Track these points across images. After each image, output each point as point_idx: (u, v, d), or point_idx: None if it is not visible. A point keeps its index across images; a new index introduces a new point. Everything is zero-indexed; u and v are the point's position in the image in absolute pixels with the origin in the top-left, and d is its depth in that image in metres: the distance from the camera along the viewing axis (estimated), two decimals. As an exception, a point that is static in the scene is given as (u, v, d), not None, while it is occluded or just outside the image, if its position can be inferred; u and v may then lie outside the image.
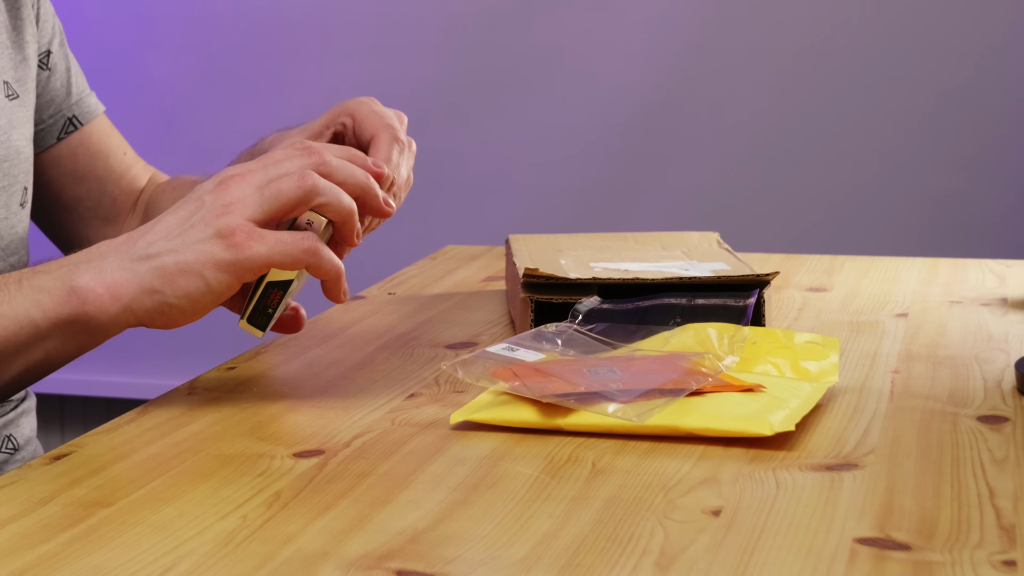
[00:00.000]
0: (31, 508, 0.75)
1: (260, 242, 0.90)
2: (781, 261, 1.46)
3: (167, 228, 0.91)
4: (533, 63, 2.62)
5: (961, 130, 2.47)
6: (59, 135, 1.23)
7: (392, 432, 0.88)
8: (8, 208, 1.12)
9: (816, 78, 2.51)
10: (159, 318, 0.91)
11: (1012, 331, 1.14)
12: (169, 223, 0.92)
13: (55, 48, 1.23)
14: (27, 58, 1.18)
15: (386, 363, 1.05)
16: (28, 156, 1.16)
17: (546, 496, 0.76)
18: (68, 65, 1.24)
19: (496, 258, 1.49)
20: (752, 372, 0.95)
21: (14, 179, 1.13)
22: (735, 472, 0.79)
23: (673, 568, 0.66)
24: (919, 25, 2.46)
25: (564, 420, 0.87)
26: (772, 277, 1.07)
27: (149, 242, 0.91)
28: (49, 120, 1.23)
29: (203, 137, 2.76)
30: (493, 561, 0.67)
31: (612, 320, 1.04)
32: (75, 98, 1.24)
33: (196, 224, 0.91)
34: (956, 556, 0.67)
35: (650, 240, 1.28)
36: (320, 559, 0.68)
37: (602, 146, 2.60)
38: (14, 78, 1.16)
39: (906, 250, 2.16)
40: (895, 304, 1.25)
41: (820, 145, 2.53)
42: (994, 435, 0.86)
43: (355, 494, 0.77)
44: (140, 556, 0.68)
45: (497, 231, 2.26)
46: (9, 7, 1.18)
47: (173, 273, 0.90)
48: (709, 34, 2.54)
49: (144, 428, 0.90)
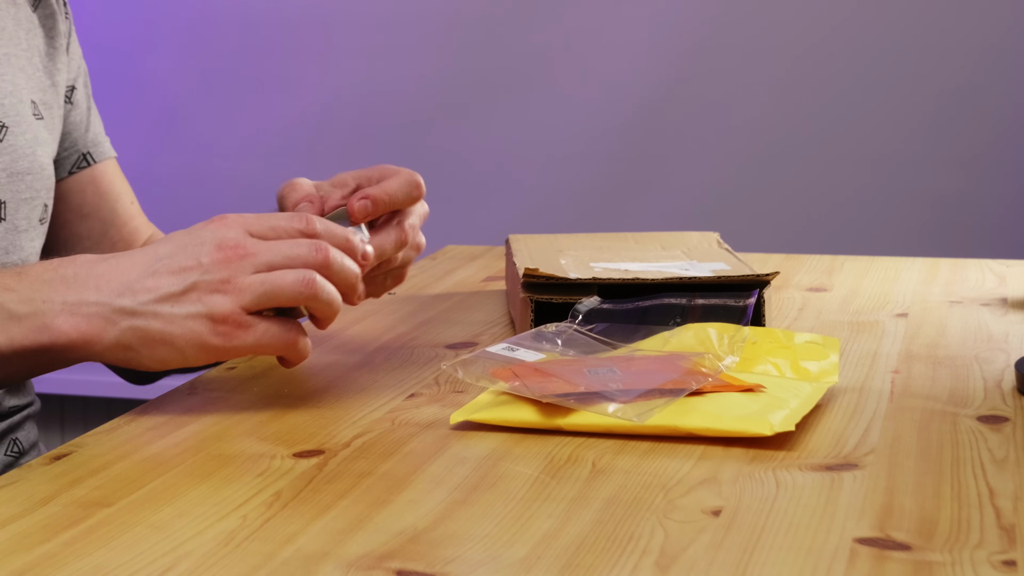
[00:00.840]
0: (31, 508, 0.75)
1: (248, 333, 0.91)
2: (781, 261, 1.46)
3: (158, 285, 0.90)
4: (533, 63, 2.62)
5: (961, 130, 2.47)
6: (71, 169, 1.24)
7: (392, 432, 0.88)
8: (29, 220, 1.13)
9: (816, 78, 2.51)
10: (123, 363, 0.92)
11: (1012, 331, 1.14)
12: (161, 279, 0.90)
13: (79, 86, 1.25)
14: (56, 84, 1.21)
15: (386, 363, 1.05)
16: (50, 175, 1.17)
17: (546, 496, 0.76)
18: (89, 105, 1.26)
19: (496, 258, 1.49)
20: (752, 372, 0.95)
21: (36, 193, 1.14)
22: (735, 472, 0.79)
23: (673, 568, 0.66)
24: (919, 25, 2.46)
25: (564, 420, 0.87)
26: (772, 277, 1.07)
27: (137, 295, 0.90)
28: (64, 153, 1.24)
29: (203, 137, 2.77)
30: (493, 561, 0.67)
31: (612, 320, 1.04)
32: (91, 137, 1.25)
33: (189, 294, 0.90)
34: (956, 556, 0.67)
35: (650, 240, 1.28)
36: (320, 559, 0.68)
37: (602, 146, 2.60)
38: (42, 100, 1.18)
39: (906, 250, 2.16)
40: (895, 304, 1.25)
41: (820, 145, 2.53)
42: (994, 435, 0.86)
43: (355, 494, 0.77)
44: (140, 556, 0.68)
45: (497, 231, 2.26)
46: (47, 33, 1.21)
47: (154, 340, 0.90)
48: (709, 35, 2.54)
49: (144, 428, 0.90)
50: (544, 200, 2.63)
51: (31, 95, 1.16)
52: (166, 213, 2.85)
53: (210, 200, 2.73)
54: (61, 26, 1.22)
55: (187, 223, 0.97)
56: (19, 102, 1.14)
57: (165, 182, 2.76)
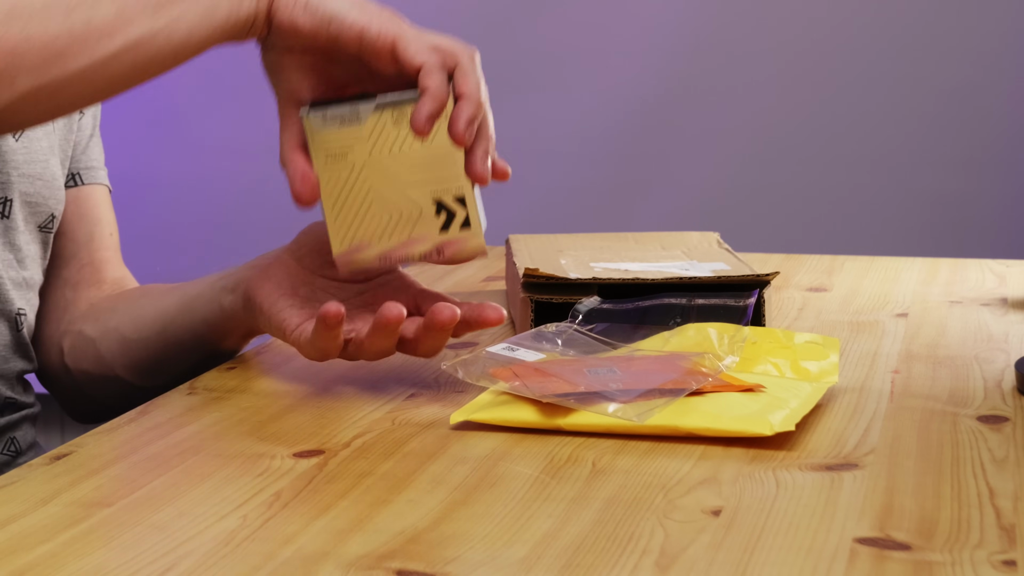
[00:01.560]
0: (31, 508, 0.75)
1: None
2: (781, 261, 1.46)
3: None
4: (532, 63, 2.62)
5: (961, 130, 2.47)
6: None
7: (392, 432, 0.88)
8: (27, 223, 1.14)
9: (816, 78, 2.51)
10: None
11: (1012, 331, 1.14)
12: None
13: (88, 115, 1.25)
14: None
15: (386, 363, 1.05)
16: (60, 187, 1.18)
17: (546, 496, 0.76)
18: (93, 134, 1.26)
19: (496, 258, 1.49)
20: (752, 372, 0.95)
21: (43, 199, 1.15)
22: (735, 472, 0.79)
23: (673, 568, 0.66)
24: (919, 25, 2.46)
25: (564, 420, 0.87)
26: (772, 277, 1.07)
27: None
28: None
29: (203, 137, 2.76)
30: (493, 561, 0.67)
31: (612, 320, 1.04)
32: (86, 162, 1.25)
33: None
34: (956, 556, 0.67)
35: (650, 240, 1.28)
36: (320, 559, 0.68)
37: (602, 146, 2.60)
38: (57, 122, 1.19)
39: (906, 250, 2.16)
40: (895, 304, 1.25)
41: (820, 145, 2.53)
42: (994, 435, 0.86)
43: (355, 494, 0.77)
44: (140, 556, 0.68)
45: (497, 231, 2.25)
46: None
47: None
48: (708, 34, 2.54)
49: (144, 428, 0.90)
50: (544, 200, 2.62)
51: None
52: (166, 213, 2.85)
53: (210, 200, 2.73)
54: None
55: (187, 223, 0.97)
56: None
57: (165, 182, 2.75)
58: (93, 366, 1.17)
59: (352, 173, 0.96)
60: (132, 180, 1.31)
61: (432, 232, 0.96)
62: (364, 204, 0.96)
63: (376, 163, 0.96)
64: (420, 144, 0.95)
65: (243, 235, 2.59)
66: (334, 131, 0.96)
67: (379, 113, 0.95)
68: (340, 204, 0.96)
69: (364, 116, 0.96)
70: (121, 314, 1.17)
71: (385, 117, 0.95)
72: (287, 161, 0.97)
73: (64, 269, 1.22)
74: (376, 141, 0.96)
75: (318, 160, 0.96)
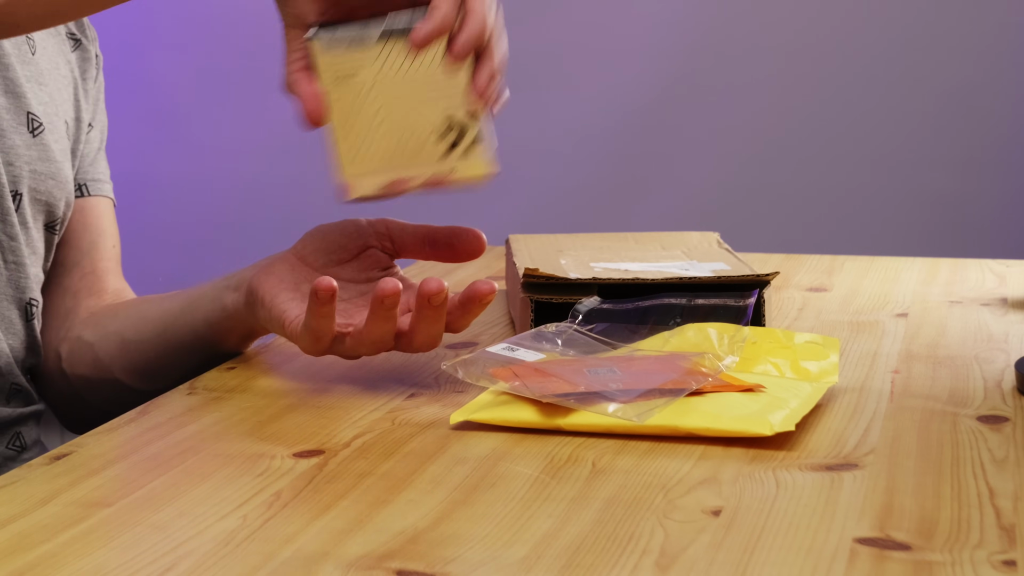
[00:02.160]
0: (31, 508, 0.75)
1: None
2: (781, 261, 1.46)
3: None
4: (532, 63, 2.62)
5: (961, 130, 2.47)
6: None
7: (392, 432, 0.88)
8: (35, 220, 1.14)
9: (816, 78, 2.51)
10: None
11: (1012, 331, 1.14)
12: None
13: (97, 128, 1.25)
14: (80, 120, 1.23)
15: (386, 363, 1.05)
16: (71, 191, 1.18)
17: (546, 496, 0.76)
18: (100, 149, 1.27)
19: (496, 258, 1.49)
20: (752, 372, 0.95)
21: (54, 200, 1.15)
22: (735, 472, 0.79)
23: (673, 568, 0.66)
24: (919, 25, 2.46)
25: (564, 420, 0.87)
26: (772, 277, 1.07)
27: None
28: None
29: (203, 137, 2.76)
30: (493, 561, 0.67)
31: (612, 320, 1.04)
32: (92, 174, 1.25)
33: None
34: (956, 556, 0.67)
35: (650, 240, 1.28)
36: (320, 559, 0.68)
37: (601, 146, 2.60)
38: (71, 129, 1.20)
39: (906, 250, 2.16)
40: (895, 304, 1.25)
41: (820, 145, 2.53)
42: (994, 435, 0.86)
43: (355, 494, 0.77)
44: (140, 556, 0.68)
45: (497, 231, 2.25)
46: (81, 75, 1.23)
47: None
48: (708, 33, 2.54)
49: (144, 428, 0.90)
50: (544, 200, 2.62)
51: (65, 116, 1.19)
52: (166, 213, 2.85)
53: (211, 200, 2.73)
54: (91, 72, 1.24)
55: (187, 223, 0.97)
56: (55, 114, 1.17)
57: (165, 182, 2.75)
58: (91, 370, 1.17)
59: (360, 94, 0.94)
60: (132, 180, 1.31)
61: (439, 155, 0.95)
62: (372, 125, 0.95)
63: (385, 84, 0.94)
64: (429, 66, 0.94)
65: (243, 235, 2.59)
66: (342, 52, 0.94)
67: (388, 34, 0.94)
68: (349, 125, 0.95)
69: (373, 38, 0.94)
70: (122, 318, 1.17)
71: (394, 38, 0.94)
72: (294, 82, 0.95)
73: (65, 278, 1.22)
74: (385, 62, 0.94)
75: (326, 81, 0.95)
